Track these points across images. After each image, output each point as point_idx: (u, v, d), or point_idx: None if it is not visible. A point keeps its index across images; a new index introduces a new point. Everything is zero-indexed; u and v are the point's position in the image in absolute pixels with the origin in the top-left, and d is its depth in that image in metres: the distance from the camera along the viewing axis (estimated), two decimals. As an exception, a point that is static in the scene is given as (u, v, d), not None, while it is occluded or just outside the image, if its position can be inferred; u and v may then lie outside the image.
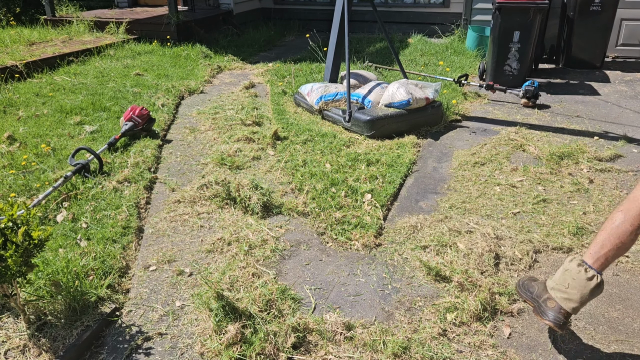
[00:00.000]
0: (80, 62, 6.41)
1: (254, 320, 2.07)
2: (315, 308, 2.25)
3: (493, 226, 2.79)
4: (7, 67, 5.59)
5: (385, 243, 2.73)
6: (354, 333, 2.06)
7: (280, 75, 6.01)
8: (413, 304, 2.26)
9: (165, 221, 2.95)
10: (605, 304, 2.26)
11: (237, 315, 2.07)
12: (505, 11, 5.15)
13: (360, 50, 7.11)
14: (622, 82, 5.66)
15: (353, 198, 3.11)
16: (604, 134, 4.15)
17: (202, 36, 7.61)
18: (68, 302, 2.15)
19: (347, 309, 2.24)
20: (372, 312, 2.22)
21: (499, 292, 2.27)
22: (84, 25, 7.76)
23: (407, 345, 1.98)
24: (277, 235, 2.79)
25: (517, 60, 5.36)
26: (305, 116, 4.64)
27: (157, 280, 2.46)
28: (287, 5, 9.23)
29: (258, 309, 2.15)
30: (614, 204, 3.05)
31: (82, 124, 4.33)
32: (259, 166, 3.65)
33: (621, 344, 2.03)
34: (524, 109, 4.86)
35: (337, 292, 2.35)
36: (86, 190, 3.19)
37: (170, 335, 2.10)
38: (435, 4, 8.04)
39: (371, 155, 3.70)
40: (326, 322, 2.10)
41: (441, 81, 5.17)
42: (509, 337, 2.07)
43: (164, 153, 3.91)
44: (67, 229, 2.76)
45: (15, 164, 3.52)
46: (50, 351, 1.96)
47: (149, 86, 5.40)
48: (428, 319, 2.16)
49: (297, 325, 2.06)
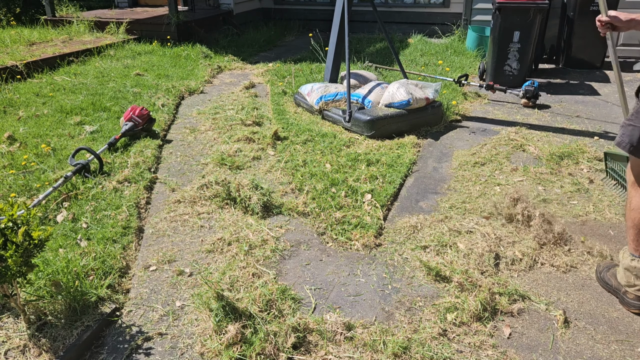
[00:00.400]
0: (81, 62, 6.41)
1: (254, 320, 2.07)
2: (315, 308, 2.25)
3: (493, 226, 2.79)
4: (7, 67, 5.60)
5: (385, 243, 2.73)
6: (354, 333, 2.06)
7: (281, 75, 6.01)
8: (413, 304, 2.26)
9: (165, 221, 2.95)
10: (605, 304, 2.26)
11: (237, 315, 2.07)
12: (505, 11, 5.16)
13: (360, 50, 7.11)
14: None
15: (353, 198, 3.11)
16: (604, 134, 4.15)
17: (202, 36, 7.61)
18: (68, 302, 2.15)
19: (347, 309, 2.24)
20: (372, 312, 2.22)
21: (499, 292, 2.27)
22: (84, 25, 7.77)
23: (407, 345, 1.98)
24: (277, 235, 2.79)
25: (517, 61, 5.36)
26: (305, 116, 4.64)
27: (157, 280, 2.46)
28: (287, 5, 9.23)
29: (258, 309, 2.15)
30: (613, 204, 3.06)
31: (82, 124, 4.33)
32: (259, 166, 3.65)
33: (621, 344, 2.03)
34: (524, 109, 4.86)
35: (337, 292, 2.35)
36: (86, 190, 3.19)
37: (171, 335, 2.10)
38: (435, 4, 8.04)
39: (371, 156, 3.70)
40: (326, 322, 2.10)
41: (441, 81, 5.17)
42: (509, 337, 2.07)
43: (164, 153, 3.92)
44: (67, 229, 2.76)
45: (16, 164, 3.53)
46: (51, 351, 1.96)
47: (149, 86, 5.40)
48: (428, 319, 2.16)
49: (297, 326, 2.06)
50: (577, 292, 2.33)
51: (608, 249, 2.60)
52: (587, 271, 2.47)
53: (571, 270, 2.48)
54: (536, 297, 2.29)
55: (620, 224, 2.85)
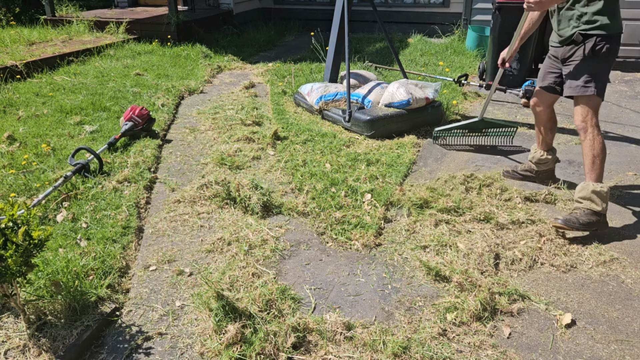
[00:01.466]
0: (80, 62, 6.41)
1: (253, 320, 2.07)
2: (315, 308, 2.25)
3: (493, 226, 2.79)
4: (7, 67, 5.59)
5: (385, 243, 2.73)
6: (354, 333, 2.06)
7: (280, 75, 6.01)
8: (413, 304, 2.26)
9: (165, 221, 2.95)
10: (605, 303, 2.26)
11: (237, 315, 2.07)
12: (505, 11, 5.15)
13: (360, 50, 7.11)
14: (622, 82, 5.66)
15: (353, 198, 3.11)
16: (604, 134, 4.15)
17: (202, 36, 7.61)
18: (68, 302, 2.15)
19: (347, 309, 2.24)
20: (372, 312, 2.22)
21: (498, 292, 2.27)
22: (84, 25, 7.76)
23: (407, 345, 1.98)
24: (277, 235, 2.79)
25: (517, 60, 5.36)
26: (305, 116, 4.64)
27: (157, 280, 2.46)
28: (287, 5, 9.23)
29: (258, 308, 2.15)
30: (613, 203, 3.06)
31: (82, 123, 4.33)
32: (259, 166, 3.65)
33: (621, 343, 2.03)
34: (524, 109, 4.86)
35: (337, 292, 2.36)
36: (86, 190, 3.19)
37: (170, 335, 2.10)
38: (435, 4, 8.04)
39: (371, 155, 3.70)
40: (326, 322, 2.10)
41: (441, 81, 5.17)
42: (508, 337, 2.07)
43: (164, 153, 3.92)
44: (67, 229, 2.76)
45: (15, 164, 3.53)
46: (50, 351, 1.96)
47: (149, 86, 5.40)
48: (428, 318, 2.16)
49: (297, 325, 2.06)
50: (577, 291, 2.33)
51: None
52: (587, 271, 2.47)
53: (571, 270, 2.48)
54: (536, 296, 2.29)
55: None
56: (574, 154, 3.79)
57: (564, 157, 3.70)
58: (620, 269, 2.48)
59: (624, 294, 2.32)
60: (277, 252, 2.65)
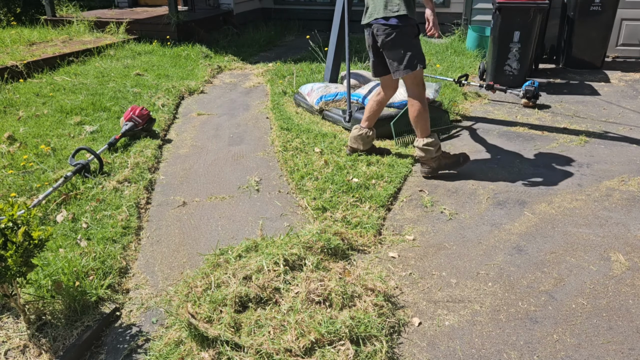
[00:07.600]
0: (81, 62, 6.41)
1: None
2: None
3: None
4: (7, 67, 5.60)
5: (385, 243, 2.73)
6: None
7: (281, 75, 6.01)
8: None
9: (165, 221, 2.95)
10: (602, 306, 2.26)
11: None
12: (505, 11, 5.15)
13: (360, 50, 7.11)
14: (623, 82, 5.66)
15: (353, 198, 3.10)
16: (604, 134, 4.15)
17: (202, 36, 7.61)
18: (68, 302, 2.15)
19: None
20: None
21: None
22: (84, 25, 7.77)
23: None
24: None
25: (517, 60, 5.36)
26: (305, 116, 4.64)
27: (157, 280, 2.45)
28: (287, 5, 9.23)
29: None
30: (612, 203, 3.06)
31: (82, 124, 4.33)
32: (259, 167, 3.65)
33: (621, 344, 2.03)
34: (524, 109, 4.86)
35: (337, 292, 2.35)
36: (86, 190, 3.19)
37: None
38: (435, 4, 8.02)
39: (371, 155, 3.70)
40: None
41: (441, 81, 5.17)
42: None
43: (164, 153, 3.91)
44: (67, 229, 2.76)
45: (15, 164, 3.52)
46: (50, 351, 1.96)
47: (149, 86, 5.40)
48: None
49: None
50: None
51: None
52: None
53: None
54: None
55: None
56: (574, 153, 3.80)
57: (564, 157, 3.70)
58: (621, 275, 2.48)
59: (623, 302, 2.31)
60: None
